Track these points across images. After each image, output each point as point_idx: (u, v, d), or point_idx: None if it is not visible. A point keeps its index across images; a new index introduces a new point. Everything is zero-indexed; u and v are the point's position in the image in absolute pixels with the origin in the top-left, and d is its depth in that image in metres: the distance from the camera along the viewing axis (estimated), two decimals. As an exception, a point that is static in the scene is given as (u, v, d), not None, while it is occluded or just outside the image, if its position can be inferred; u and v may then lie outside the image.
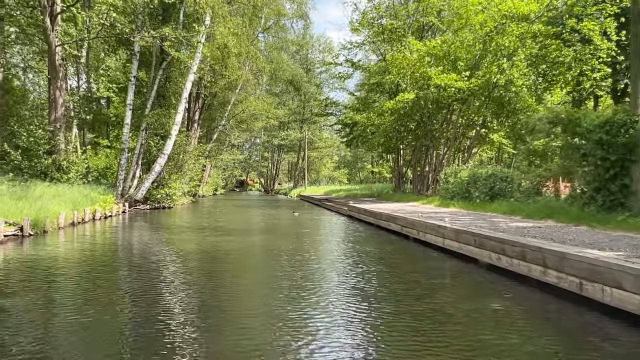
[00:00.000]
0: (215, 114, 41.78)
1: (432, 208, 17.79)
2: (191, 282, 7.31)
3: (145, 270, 8.33)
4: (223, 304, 6.01)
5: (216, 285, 7.15)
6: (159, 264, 8.86)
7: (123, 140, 23.97)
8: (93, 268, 8.50)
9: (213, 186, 61.86)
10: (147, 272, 8.09)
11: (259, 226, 18.11)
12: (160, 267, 8.51)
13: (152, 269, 8.42)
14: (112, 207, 20.06)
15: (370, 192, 36.71)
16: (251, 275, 8.38)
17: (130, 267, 8.82)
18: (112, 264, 9.19)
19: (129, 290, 6.78)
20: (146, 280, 7.40)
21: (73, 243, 12.07)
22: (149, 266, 8.74)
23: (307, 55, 70.01)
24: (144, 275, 7.88)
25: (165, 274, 7.86)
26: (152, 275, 7.79)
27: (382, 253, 10.84)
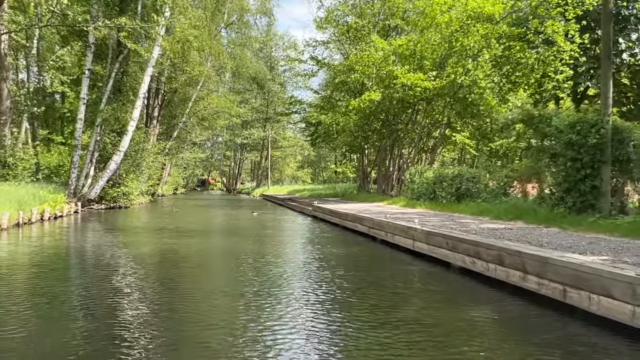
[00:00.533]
0: (175, 111, 40.49)
1: (398, 208, 17.50)
2: (145, 292, 6.63)
3: (94, 277, 7.59)
4: (180, 315, 5.40)
5: (173, 294, 6.50)
6: (110, 270, 8.10)
7: (76, 137, 22.72)
8: (36, 274, 7.69)
9: (173, 185, 60.28)
10: (97, 279, 7.36)
11: (220, 227, 17.41)
12: (111, 274, 7.76)
13: (102, 275, 7.67)
14: (63, 207, 18.89)
15: (334, 192, 36.33)
16: (211, 282, 7.75)
17: (78, 274, 8.05)
18: (57, 270, 8.37)
19: (74, 300, 6.05)
20: (95, 288, 6.69)
21: (17, 246, 11.11)
22: (98, 272, 7.99)
23: (271, 53, 69.15)
24: (93, 282, 7.15)
25: (116, 282, 7.13)
26: (102, 283, 7.06)
27: (349, 256, 10.38)
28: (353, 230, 14.47)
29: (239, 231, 15.67)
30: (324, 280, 7.52)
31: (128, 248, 11.04)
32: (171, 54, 25.93)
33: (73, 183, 22.51)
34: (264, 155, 70.28)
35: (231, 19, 41.31)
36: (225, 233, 15.38)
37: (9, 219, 13.62)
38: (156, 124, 35.91)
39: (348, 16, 30.45)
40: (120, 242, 11.88)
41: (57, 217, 17.95)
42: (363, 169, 31.11)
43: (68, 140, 30.95)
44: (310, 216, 21.62)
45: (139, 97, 22.79)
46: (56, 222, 17.08)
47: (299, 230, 16.30)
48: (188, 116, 39.83)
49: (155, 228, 15.99)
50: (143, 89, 22.75)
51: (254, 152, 77.32)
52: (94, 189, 22.32)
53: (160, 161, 35.99)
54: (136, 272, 8.12)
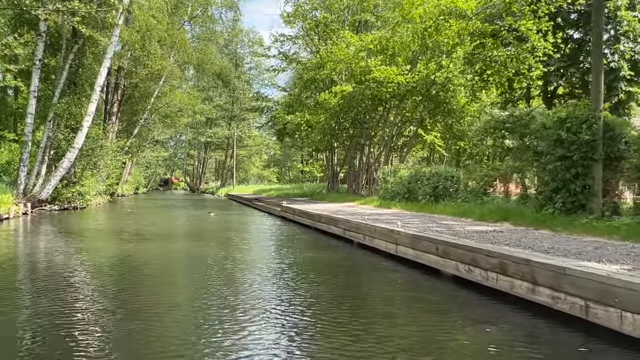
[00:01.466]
0: (136, 107, 38.68)
1: (372, 209, 16.74)
2: (98, 309, 5.55)
3: (35, 293, 6.45)
4: (140, 336, 4.40)
5: (131, 310, 5.46)
6: (55, 283, 6.95)
7: (25, 132, 21.00)
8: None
9: (134, 185, 58.13)
10: (39, 295, 6.23)
11: (182, 230, 16.26)
12: (57, 288, 6.62)
13: (45, 290, 6.54)
14: (9, 208, 17.30)
15: (302, 192, 35.42)
16: (172, 295, 6.71)
17: (17, 289, 6.87)
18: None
19: (14, 323, 4.95)
20: (36, 307, 5.58)
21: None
22: (42, 286, 6.85)
23: (236, 50, 67.67)
24: (33, 299, 6.03)
25: (64, 295, 6.02)
26: (45, 300, 5.94)
27: (324, 261, 9.51)
28: (326, 232, 13.62)
29: (202, 234, 14.57)
30: (298, 290, 6.65)
31: (79, 255, 9.84)
32: (130, 45, 24.43)
33: (22, 182, 20.80)
34: (229, 154, 68.74)
35: (195, 12, 39.81)
36: (187, 236, 14.27)
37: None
38: (115, 121, 34.14)
39: (317, 10, 29.61)
40: (70, 248, 10.65)
41: (2, 219, 16.37)
42: (332, 168, 30.32)
43: (21, 137, 28.92)
44: (278, 217, 20.65)
45: (95, 90, 21.24)
46: (0, 225, 15.57)
47: (268, 232, 15.34)
48: (149, 113, 38.10)
49: (112, 231, 14.74)
50: (100, 81, 21.23)
51: (218, 151, 75.61)
52: (45, 189, 20.69)
53: (120, 159, 34.23)
54: (87, 284, 7.02)
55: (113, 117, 33.86)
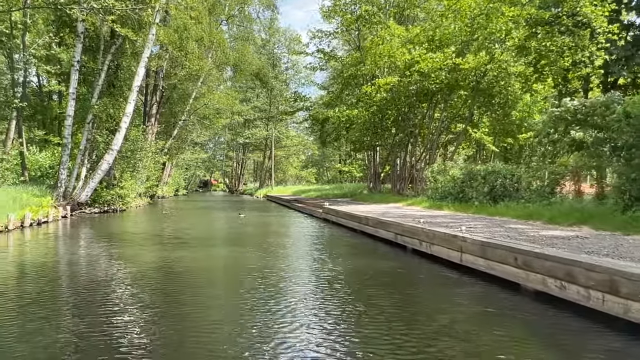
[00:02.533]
0: (175, 109, 38.59)
1: (421, 210, 15.58)
2: (139, 324, 4.72)
3: (73, 300, 5.70)
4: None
5: (174, 327, 4.60)
6: (93, 291, 6.22)
7: (64, 135, 20.83)
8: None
9: (174, 186, 58.43)
10: (77, 304, 5.47)
11: (222, 233, 15.50)
12: (95, 297, 5.88)
13: (83, 298, 5.79)
14: (48, 212, 17.02)
15: (342, 192, 34.43)
16: (215, 309, 5.83)
17: (55, 297, 6.14)
18: (18, 297, 6.47)
19: (43, 337, 4.16)
20: (70, 322, 4.79)
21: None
22: (77, 294, 6.10)
23: (273, 50, 67.25)
24: (72, 308, 5.26)
25: (101, 308, 5.25)
26: (82, 316, 5.16)
27: (378, 271, 8.46)
28: (374, 236, 12.59)
29: (242, 238, 13.76)
30: (349, 305, 5.72)
31: (115, 263, 9.13)
32: (168, 44, 24.02)
33: (62, 185, 20.64)
34: (267, 155, 68.42)
35: (232, 11, 39.41)
36: (227, 241, 13.49)
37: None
38: (154, 122, 34.03)
39: (357, 4, 28.52)
40: (107, 255, 9.98)
41: (40, 223, 16.07)
42: (374, 167, 29.14)
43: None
44: (320, 219, 19.73)
45: (133, 91, 20.86)
46: (39, 229, 15.21)
47: (310, 236, 14.38)
48: (188, 114, 37.91)
49: (150, 235, 14.13)
50: (137, 81, 20.84)
51: (256, 152, 75.46)
52: (84, 192, 20.44)
53: (159, 161, 34.12)
54: (124, 296, 6.24)
55: (152, 119, 33.75)
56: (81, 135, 22.73)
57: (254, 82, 63.55)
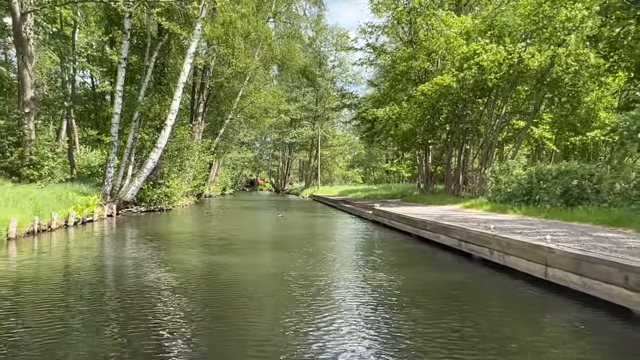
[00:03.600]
0: (222, 107, 38.38)
1: (483, 214, 14.22)
2: (184, 341, 3.87)
3: (113, 307, 4.93)
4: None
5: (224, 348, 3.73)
6: (134, 297, 5.44)
7: (111, 133, 20.65)
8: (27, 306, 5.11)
9: (221, 186, 58.65)
10: (117, 311, 4.68)
11: (268, 235, 14.68)
12: (135, 304, 5.10)
13: (123, 306, 5.00)
14: (94, 211, 16.73)
15: (391, 193, 33.17)
16: (263, 324, 4.91)
17: (90, 306, 5.41)
18: (60, 298, 5.78)
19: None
20: (109, 331, 3.99)
21: (20, 262, 8.70)
22: (119, 301, 5.33)
23: (320, 48, 66.41)
24: (113, 315, 4.47)
25: (142, 317, 4.44)
26: (125, 318, 4.37)
27: (444, 285, 7.32)
28: (432, 242, 11.44)
29: (288, 241, 12.85)
30: (418, 328, 4.61)
31: (157, 266, 8.38)
32: (214, 40, 23.51)
33: (109, 184, 20.46)
34: (313, 155, 67.76)
35: (279, 8, 38.80)
36: (273, 244, 12.63)
37: (17, 227, 11.39)
38: (201, 121, 33.83)
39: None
40: (150, 257, 9.26)
41: (85, 222, 15.77)
42: (426, 167, 27.72)
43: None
44: (370, 221, 18.65)
45: (179, 87, 20.43)
46: (84, 228, 14.87)
47: (361, 240, 13.32)
48: (234, 113, 37.59)
49: (195, 236, 13.48)
50: (182, 78, 20.38)
51: (302, 151, 74.97)
52: (130, 190, 20.16)
53: (205, 160, 33.90)
54: (166, 306, 5.43)
55: (199, 118, 33.56)
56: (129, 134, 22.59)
57: (300, 81, 62.98)
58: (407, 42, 29.07)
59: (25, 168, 15.72)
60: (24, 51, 15.28)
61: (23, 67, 15.40)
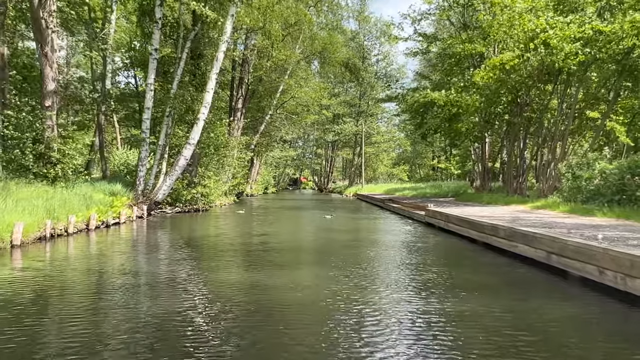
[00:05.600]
0: (262, 103, 36.93)
1: (566, 217, 11.87)
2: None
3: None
4: None
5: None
6: (155, 328, 3.75)
7: (143, 129, 19.37)
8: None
9: (263, 184, 57.57)
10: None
11: (313, 243, 12.73)
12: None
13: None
14: (120, 212, 15.39)
15: (442, 192, 30.81)
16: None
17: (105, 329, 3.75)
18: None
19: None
20: None
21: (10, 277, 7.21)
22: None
23: (363, 42, 64.20)
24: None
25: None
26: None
27: (552, 322, 5.24)
28: (506, 251, 9.33)
29: (335, 250, 10.88)
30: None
31: (183, 286, 6.70)
32: (250, 28, 21.89)
33: (141, 183, 19.20)
34: (356, 152, 65.75)
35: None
36: (317, 254, 10.72)
37: (24, 232, 10.03)
38: (240, 117, 32.42)
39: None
40: (165, 274, 7.62)
41: (109, 225, 14.41)
42: (483, 163, 25.19)
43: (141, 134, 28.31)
44: (423, 224, 16.56)
45: (211, 78, 18.89)
46: (108, 232, 13.52)
47: (418, 248, 11.24)
48: (275, 108, 36.05)
49: (229, 244, 11.73)
50: (216, 68, 18.83)
51: (345, 149, 73.06)
52: (161, 190, 18.81)
53: (245, 158, 32.50)
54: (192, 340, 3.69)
55: (238, 114, 32.16)
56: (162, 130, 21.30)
57: (342, 77, 61.05)
58: (460, 27, 26.64)
59: (45, 166, 14.50)
60: (43, 39, 14.10)
61: (42, 56, 14.23)
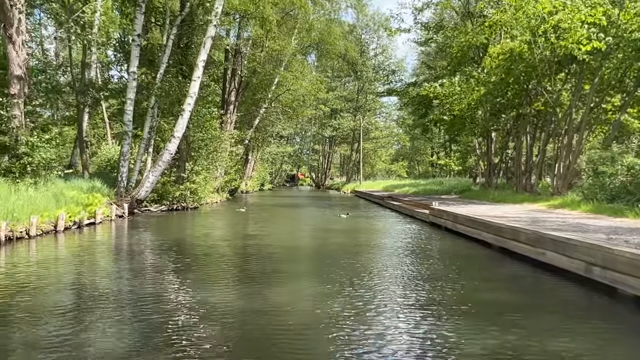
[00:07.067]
0: (256, 96, 35.41)
1: (594, 217, 10.47)
2: None
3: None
4: None
5: None
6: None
7: (125, 121, 17.97)
8: None
9: (259, 181, 56.07)
10: None
11: (310, 249, 11.26)
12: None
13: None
14: (95, 212, 13.98)
15: (444, 188, 29.45)
16: None
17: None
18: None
19: None
20: None
21: None
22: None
23: (361, 35, 62.64)
24: None
25: None
26: None
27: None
28: (528, 258, 8.01)
29: (334, 258, 9.45)
30: None
31: (144, 311, 5.34)
32: (240, 9, 20.41)
33: (123, 180, 17.81)
34: (354, 148, 64.33)
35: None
36: (314, 263, 9.35)
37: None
38: (233, 110, 30.92)
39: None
40: (132, 292, 6.26)
41: (81, 226, 13.01)
42: (489, 158, 23.79)
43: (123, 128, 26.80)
44: (427, 224, 15.23)
45: (198, 66, 17.45)
46: (79, 233, 12.15)
47: (428, 256, 9.82)
48: (270, 102, 34.54)
49: (214, 249, 10.32)
50: (202, 55, 17.39)
51: (343, 145, 71.60)
52: (144, 187, 17.40)
53: (237, 153, 31.07)
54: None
55: (230, 107, 30.66)
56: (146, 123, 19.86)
57: (340, 71, 59.54)
58: (464, 15, 25.24)
59: (11, 160, 13.05)
60: (7, 20, 12.66)
61: (7, 39, 12.81)
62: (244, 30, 29.61)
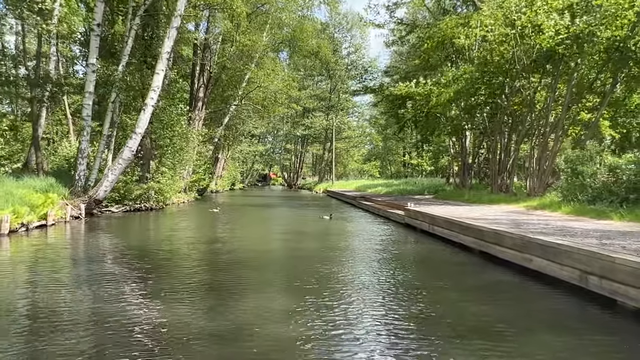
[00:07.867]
0: (226, 94, 34.39)
1: (578, 220, 9.99)
2: None
3: None
4: None
5: None
6: None
7: (83, 116, 16.83)
8: None
9: (229, 180, 54.96)
10: None
11: (278, 253, 10.50)
12: None
13: None
14: (47, 213, 12.91)
15: (417, 188, 29.03)
16: None
17: None
18: None
19: None
20: None
21: None
22: None
23: (334, 34, 62.13)
24: None
25: None
26: None
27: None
28: (514, 264, 7.46)
29: (305, 265, 8.78)
30: None
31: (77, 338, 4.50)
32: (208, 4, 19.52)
33: (80, 178, 16.70)
34: (327, 148, 63.76)
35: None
36: (284, 273, 8.62)
37: None
38: (201, 107, 29.85)
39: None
40: (91, 308, 5.40)
41: (29, 228, 11.95)
42: (463, 158, 23.42)
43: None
44: (402, 225, 14.69)
45: (162, 58, 16.45)
46: (26, 236, 11.10)
47: (405, 261, 9.21)
48: (240, 99, 33.54)
49: (176, 256, 9.44)
50: (167, 47, 16.38)
51: (315, 144, 70.97)
52: (102, 186, 16.30)
53: (204, 152, 30.02)
54: None
55: (199, 103, 29.59)
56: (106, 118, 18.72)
57: (313, 69, 58.88)
58: (438, 13, 24.87)
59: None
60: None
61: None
62: (213, 25, 28.60)
